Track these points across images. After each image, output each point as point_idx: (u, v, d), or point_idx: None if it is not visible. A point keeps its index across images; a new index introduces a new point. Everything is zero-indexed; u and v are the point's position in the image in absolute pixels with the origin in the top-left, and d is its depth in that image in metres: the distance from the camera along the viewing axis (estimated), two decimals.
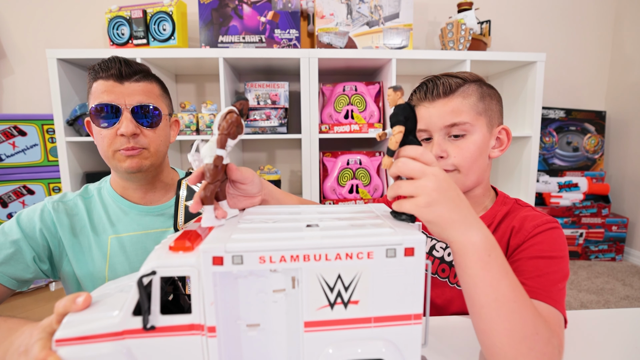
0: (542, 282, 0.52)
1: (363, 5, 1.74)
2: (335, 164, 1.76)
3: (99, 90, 0.68)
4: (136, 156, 0.70)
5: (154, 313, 0.33)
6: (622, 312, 0.64)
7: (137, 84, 0.70)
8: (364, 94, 1.75)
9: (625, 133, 2.38)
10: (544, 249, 0.56)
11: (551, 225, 0.59)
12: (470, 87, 0.63)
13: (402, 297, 0.35)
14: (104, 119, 0.68)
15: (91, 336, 0.32)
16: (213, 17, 1.69)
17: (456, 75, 0.64)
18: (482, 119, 0.63)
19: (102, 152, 0.71)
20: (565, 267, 0.56)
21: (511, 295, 0.40)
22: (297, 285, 0.34)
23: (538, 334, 0.41)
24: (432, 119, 0.63)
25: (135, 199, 0.77)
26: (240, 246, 0.32)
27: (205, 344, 0.33)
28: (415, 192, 0.38)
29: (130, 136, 0.68)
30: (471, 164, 0.62)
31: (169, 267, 0.33)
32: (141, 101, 0.69)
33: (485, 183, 0.68)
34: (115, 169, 0.72)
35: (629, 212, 2.37)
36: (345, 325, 0.35)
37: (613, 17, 2.36)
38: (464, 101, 0.62)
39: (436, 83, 0.63)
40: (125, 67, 0.69)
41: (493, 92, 0.65)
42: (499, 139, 0.66)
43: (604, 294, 1.88)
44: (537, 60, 1.76)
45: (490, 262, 0.40)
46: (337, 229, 0.37)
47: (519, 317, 0.40)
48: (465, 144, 0.62)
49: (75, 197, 0.76)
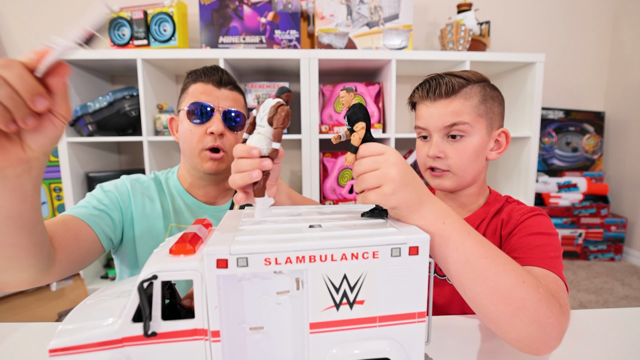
0: (534, 253, 0.53)
1: (363, 6, 1.75)
2: (335, 164, 1.76)
3: (199, 91, 0.76)
4: (217, 160, 0.76)
5: (155, 319, 0.32)
6: (621, 311, 0.65)
7: (230, 92, 0.79)
8: (364, 95, 1.75)
9: (624, 133, 2.39)
10: (533, 229, 0.58)
11: (537, 212, 0.61)
12: (474, 89, 0.62)
13: (406, 295, 0.35)
14: (198, 117, 0.75)
15: (88, 345, 0.31)
16: (213, 17, 1.69)
17: (460, 75, 0.63)
18: (483, 121, 0.63)
19: (189, 148, 0.77)
20: (556, 242, 0.56)
21: (480, 252, 0.40)
22: (301, 287, 0.34)
23: (525, 282, 0.40)
24: (432, 119, 0.63)
25: (198, 196, 0.83)
26: (246, 248, 0.32)
27: (209, 349, 0.33)
28: (379, 182, 0.39)
29: (218, 135, 0.75)
30: (467, 166, 0.63)
31: (170, 271, 0.32)
32: (231, 106, 0.78)
33: (480, 182, 0.69)
34: (196, 166, 0.77)
35: (628, 212, 2.37)
36: (350, 326, 0.35)
37: (612, 18, 2.36)
38: (465, 102, 0.62)
39: (439, 82, 0.63)
40: (225, 76, 0.78)
41: (496, 94, 0.65)
42: (497, 141, 0.66)
43: (603, 293, 1.89)
44: (537, 61, 1.77)
45: (447, 228, 0.40)
46: (341, 229, 0.37)
47: (496, 270, 0.40)
48: (462, 145, 0.62)
49: (149, 180, 0.82)
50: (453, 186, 0.65)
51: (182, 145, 0.79)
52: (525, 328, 0.39)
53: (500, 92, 0.66)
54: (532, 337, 0.40)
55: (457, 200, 0.70)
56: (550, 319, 0.40)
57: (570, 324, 0.56)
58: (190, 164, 0.79)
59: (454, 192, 0.69)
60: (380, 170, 0.39)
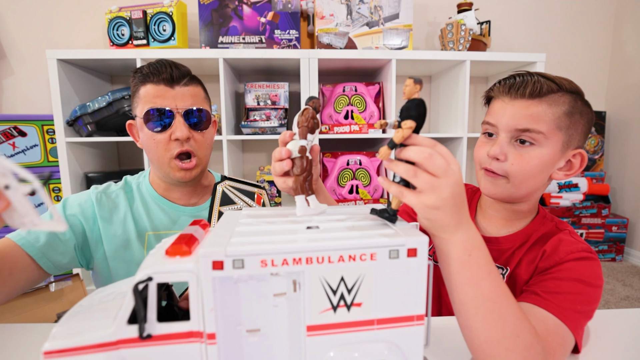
0: (559, 299, 0.48)
1: (363, 6, 1.74)
2: (335, 164, 1.76)
3: (151, 94, 0.68)
4: (189, 169, 0.71)
5: (151, 321, 0.32)
6: (622, 312, 0.64)
7: (186, 88, 0.71)
8: (364, 95, 1.75)
9: (625, 133, 2.38)
10: (574, 274, 0.51)
11: (587, 254, 0.54)
12: (563, 97, 0.55)
13: (404, 298, 0.35)
14: (157, 124, 0.69)
15: (83, 347, 0.31)
16: (213, 17, 1.68)
17: (552, 79, 0.56)
18: (561, 135, 0.55)
19: (156, 158, 0.71)
20: (595, 295, 0.50)
21: (491, 296, 0.40)
22: (298, 289, 0.34)
23: (519, 337, 0.40)
24: (505, 118, 0.56)
25: (175, 199, 0.78)
26: (241, 250, 0.31)
27: (205, 351, 0.32)
28: (428, 189, 0.36)
29: (184, 140, 0.70)
30: (526, 178, 0.56)
31: (165, 273, 0.32)
32: (192, 104, 0.71)
33: (534, 201, 0.62)
34: (167, 176, 0.72)
35: (629, 212, 2.37)
36: (348, 328, 0.35)
37: (613, 18, 2.36)
38: (548, 110, 0.54)
39: (526, 80, 0.56)
40: (176, 71, 0.69)
41: (586, 111, 0.57)
42: (570, 162, 0.58)
43: (604, 294, 1.88)
44: (537, 60, 1.76)
45: (470, 261, 0.40)
46: (339, 230, 0.37)
47: (498, 317, 0.40)
48: (529, 154, 0.55)
49: (118, 190, 0.76)
50: (504, 195, 0.58)
51: (148, 155, 0.73)
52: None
53: (592, 109, 0.58)
54: None
55: (502, 213, 0.64)
56: None
57: None
58: (161, 173, 0.74)
59: (502, 203, 0.63)
60: (438, 180, 0.36)
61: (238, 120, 1.92)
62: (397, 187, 0.38)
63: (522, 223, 0.63)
